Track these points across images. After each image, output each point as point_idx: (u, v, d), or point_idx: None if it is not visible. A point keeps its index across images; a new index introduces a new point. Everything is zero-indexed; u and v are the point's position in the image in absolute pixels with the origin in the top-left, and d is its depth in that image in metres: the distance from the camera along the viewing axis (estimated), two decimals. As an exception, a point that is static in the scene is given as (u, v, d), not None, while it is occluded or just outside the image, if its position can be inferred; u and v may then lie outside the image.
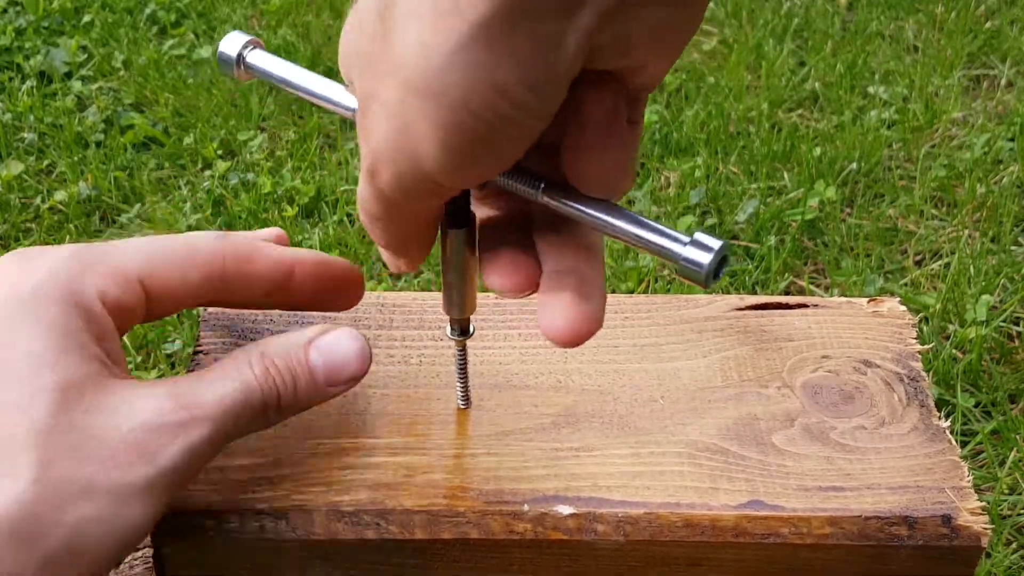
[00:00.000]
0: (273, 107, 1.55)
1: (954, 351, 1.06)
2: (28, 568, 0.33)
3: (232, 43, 0.41)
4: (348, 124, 1.53)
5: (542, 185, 0.35)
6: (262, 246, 0.43)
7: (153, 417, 0.36)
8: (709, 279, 0.32)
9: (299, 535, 0.41)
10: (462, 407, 0.46)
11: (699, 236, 0.32)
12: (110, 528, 0.35)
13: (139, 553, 0.48)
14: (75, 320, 0.37)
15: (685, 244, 0.32)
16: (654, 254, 0.33)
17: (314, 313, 0.49)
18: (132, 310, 0.40)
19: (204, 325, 0.48)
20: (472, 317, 0.43)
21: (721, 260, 0.32)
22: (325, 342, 0.40)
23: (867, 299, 0.51)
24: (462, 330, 0.43)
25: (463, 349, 0.44)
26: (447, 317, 0.43)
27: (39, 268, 0.38)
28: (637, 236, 0.33)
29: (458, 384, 0.45)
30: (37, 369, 0.36)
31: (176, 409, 0.36)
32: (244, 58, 0.41)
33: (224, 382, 0.38)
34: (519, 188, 0.35)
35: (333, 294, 0.45)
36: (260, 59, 0.41)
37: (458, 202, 0.38)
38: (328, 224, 1.30)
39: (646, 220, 0.34)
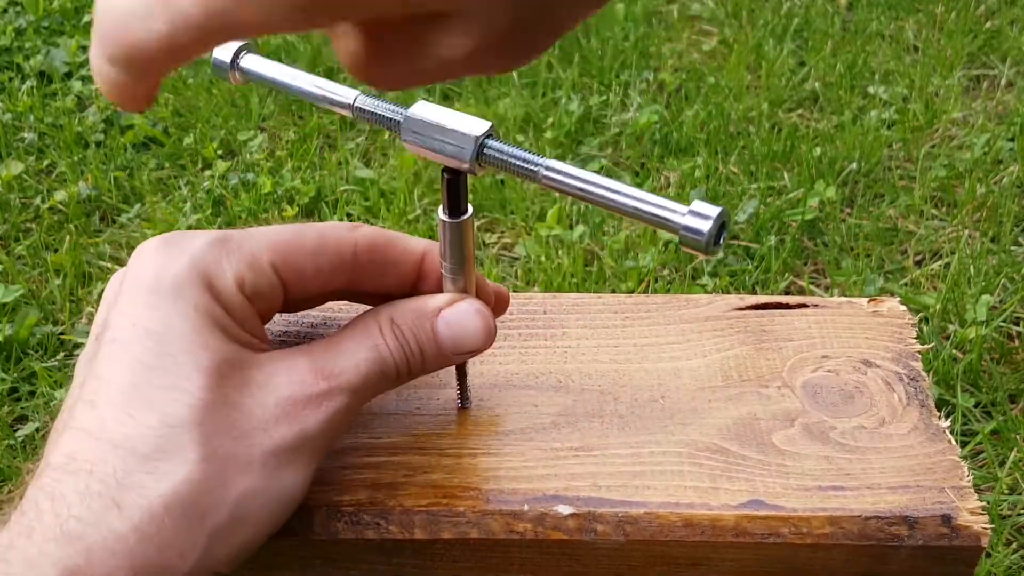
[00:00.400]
0: (273, 107, 1.55)
1: (954, 351, 1.06)
2: (198, 543, 0.35)
3: (226, 48, 0.41)
4: (348, 124, 1.52)
5: (543, 165, 0.35)
6: (394, 236, 0.43)
7: (297, 390, 0.38)
8: (709, 246, 0.32)
9: (299, 535, 0.41)
10: (462, 407, 0.46)
11: (697, 205, 0.33)
12: (267, 499, 0.37)
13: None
14: (217, 305, 0.39)
15: (684, 214, 0.33)
16: (654, 225, 0.34)
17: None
18: (269, 296, 0.41)
19: None
20: None
21: (720, 227, 0.32)
22: (453, 315, 0.42)
23: (867, 299, 0.51)
24: None
25: None
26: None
27: (181, 255, 0.39)
28: (636, 209, 0.34)
29: (458, 384, 0.45)
30: (190, 351, 0.37)
31: (317, 381, 0.38)
32: (238, 63, 0.41)
33: (359, 351, 0.40)
34: (520, 169, 0.36)
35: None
36: (254, 63, 0.41)
37: (456, 192, 0.38)
38: (328, 224, 1.30)
39: (644, 193, 0.34)
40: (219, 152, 1.45)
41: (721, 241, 0.33)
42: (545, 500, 0.41)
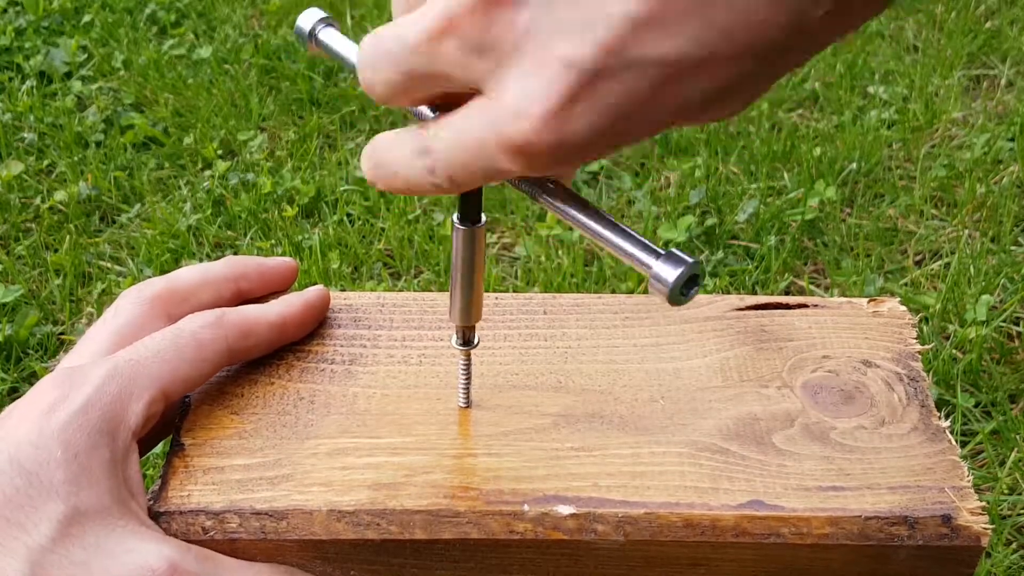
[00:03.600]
0: (273, 107, 1.55)
1: (954, 351, 1.06)
2: None
3: (307, 18, 0.41)
4: (348, 124, 1.52)
5: (550, 185, 0.35)
6: (256, 316, 0.46)
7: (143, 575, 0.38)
8: (675, 295, 0.32)
9: (299, 535, 0.41)
10: (462, 407, 0.46)
11: (673, 251, 0.32)
12: None
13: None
14: (103, 451, 0.40)
15: (657, 258, 0.32)
16: (631, 264, 0.33)
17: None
18: (153, 417, 0.43)
19: None
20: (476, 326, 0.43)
21: (690, 279, 0.32)
22: None
23: (867, 299, 0.51)
24: (466, 340, 0.43)
25: (468, 357, 0.44)
26: (447, 317, 0.43)
27: (78, 397, 0.40)
28: (616, 245, 0.34)
29: (461, 388, 0.45)
30: (49, 496, 0.38)
31: (169, 574, 0.38)
32: (316, 34, 0.41)
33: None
34: (522, 186, 0.36)
35: (318, 320, 0.50)
36: (331, 37, 0.40)
37: (471, 200, 0.38)
38: (328, 224, 1.30)
39: (630, 232, 0.34)
40: (219, 152, 1.45)
41: (690, 294, 0.32)
42: (545, 500, 0.41)
